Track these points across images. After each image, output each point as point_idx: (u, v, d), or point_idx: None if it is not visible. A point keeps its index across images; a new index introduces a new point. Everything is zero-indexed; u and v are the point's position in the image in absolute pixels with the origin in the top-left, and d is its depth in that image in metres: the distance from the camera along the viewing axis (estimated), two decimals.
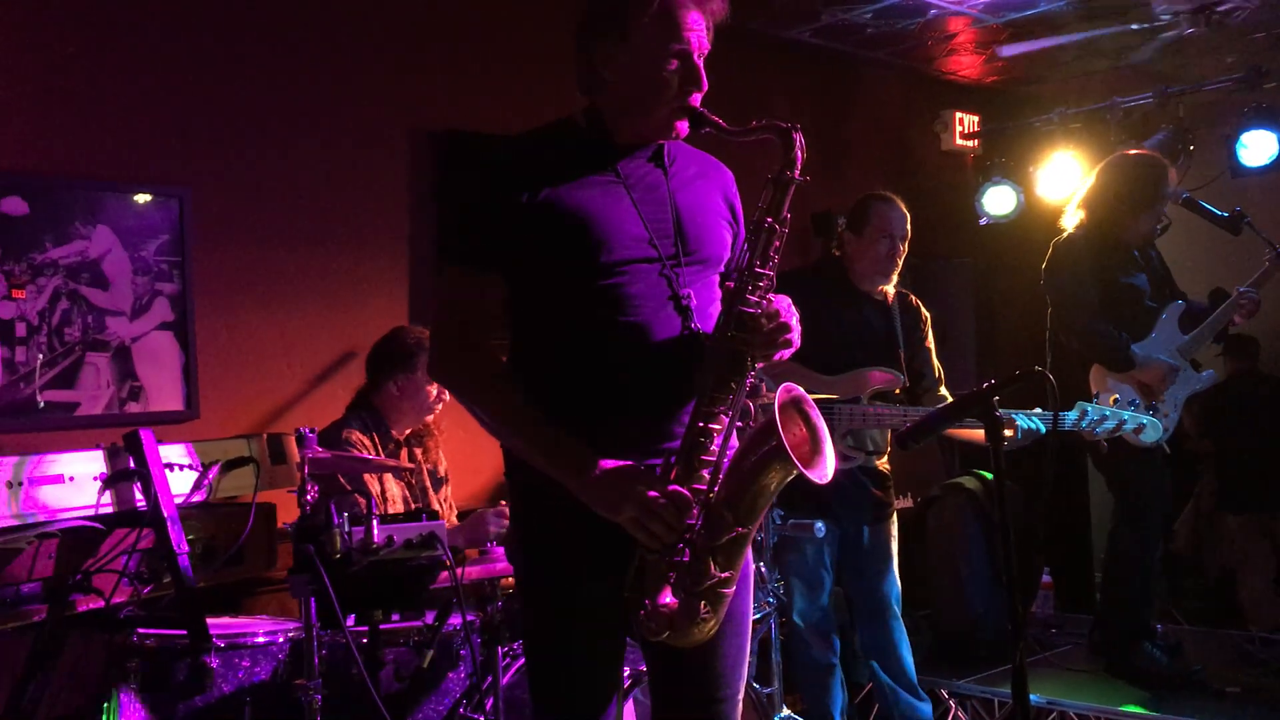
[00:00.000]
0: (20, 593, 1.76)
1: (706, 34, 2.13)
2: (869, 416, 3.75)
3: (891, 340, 3.94)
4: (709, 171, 2.33)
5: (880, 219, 3.88)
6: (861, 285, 3.95)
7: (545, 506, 2.10)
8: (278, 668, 2.81)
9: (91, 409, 3.79)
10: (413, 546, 2.59)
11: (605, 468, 1.99)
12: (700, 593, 1.98)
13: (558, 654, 2.16)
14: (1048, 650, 5.06)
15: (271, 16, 4.30)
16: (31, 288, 3.69)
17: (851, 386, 3.79)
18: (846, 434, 3.78)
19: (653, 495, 1.95)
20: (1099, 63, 6.35)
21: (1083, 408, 3.85)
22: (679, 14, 2.08)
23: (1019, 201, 5.81)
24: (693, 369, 2.09)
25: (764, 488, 2.03)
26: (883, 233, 3.87)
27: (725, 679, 2.19)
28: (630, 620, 2.02)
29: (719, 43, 2.18)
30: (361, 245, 4.43)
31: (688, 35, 2.09)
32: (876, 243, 3.88)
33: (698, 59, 2.12)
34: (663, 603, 1.96)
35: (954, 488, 5.42)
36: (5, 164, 3.67)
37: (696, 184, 2.25)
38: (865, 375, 3.81)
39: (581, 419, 2.06)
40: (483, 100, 4.66)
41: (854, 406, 3.75)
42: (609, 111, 2.17)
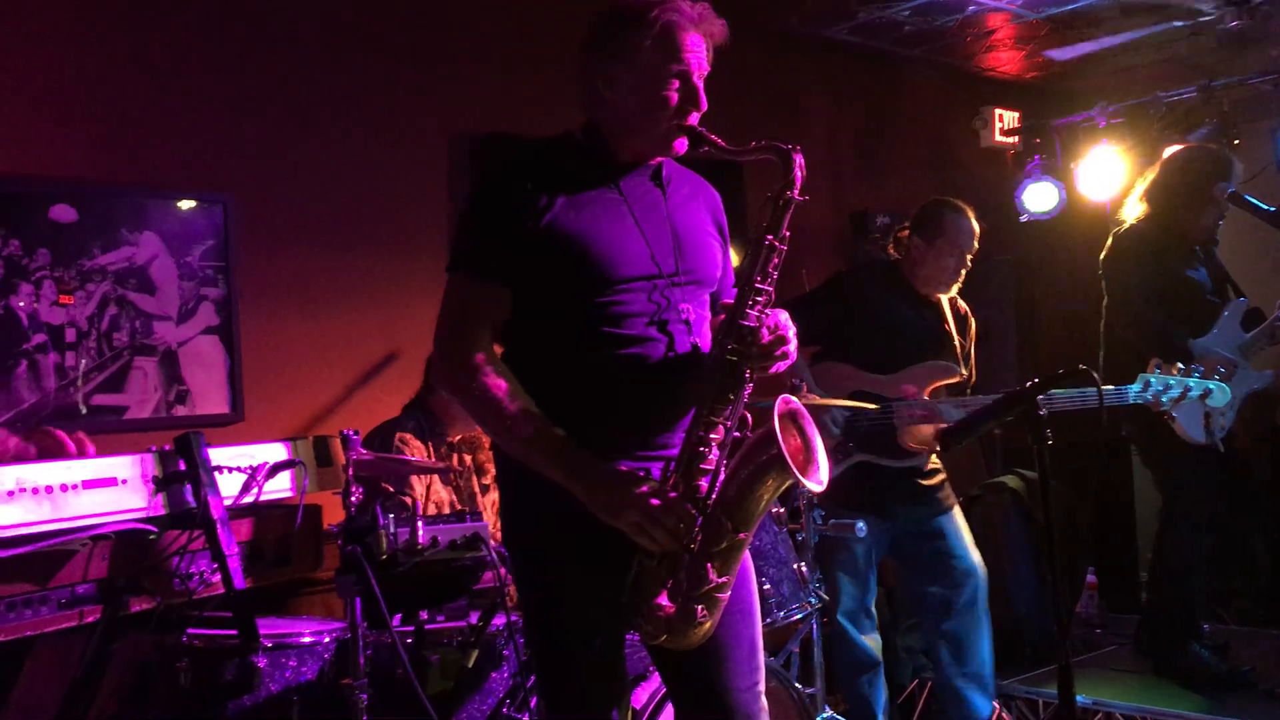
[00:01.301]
0: (76, 594, 1.79)
1: (706, 56, 2.19)
2: (929, 411, 3.72)
3: (947, 337, 3.91)
4: (700, 192, 2.39)
5: (953, 233, 3.82)
6: (921, 289, 3.92)
7: (537, 499, 2.13)
8: (324, 668, 2.85)
9: (139, 413, 3.85)
10: (457, 547, 2.61)
11: (608, 472, 2.04)
12: (698, 597, 2.02)
13: (558, 649, 2.18)
14: (1093, 650, 5.01)
15: (312, 25, 4.35)
16: (81, 294, 3.75)
17: (910, 382, 3.77)
18: (906, 431, 3.76)
19: (655, 502, 2.00)
20: (1141, 57, 6.28)
21: (1145, 379, 3.80)
22: (679, 36, 2.14)
23: (1060, 198, 5.75)
24: (691, 382, 2.15)
25: (761, 495, 2.07)
26: (954, 248, 3.83)
27: (747, 668, 2.21)
28: (629, 624, 2.06)
29: (757, 42, 2.22)
30: (403, 248, 4.47)
31: (687, 57, 2.15)
32: (945, 256, 3.83)
33: (697, 80, 2.18)
34: (659, 604, 2.01)
35: (996, 486, 5.38)
36: (55, 172, 3.74)
37: (690, 204, 2.32)
38: (924, 370, 3.79)
39: (581, 430, 2.09)
40: (522, 103, 4.69)
41: (911, 403, 3.73)
42: (609, 129, 2.22)
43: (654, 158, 2.26)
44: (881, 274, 4.05)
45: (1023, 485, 5.33)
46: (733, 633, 2.20)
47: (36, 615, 1.75)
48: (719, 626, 2.17)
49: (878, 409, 3.74)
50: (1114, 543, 6.04)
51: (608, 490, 2.02)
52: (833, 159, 6.17)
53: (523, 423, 2.07)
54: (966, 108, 6.49)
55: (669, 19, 2.14)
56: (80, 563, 1.80)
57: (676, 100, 2.16)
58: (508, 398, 2.08)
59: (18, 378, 3.61)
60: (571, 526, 2.08)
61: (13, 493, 1.70)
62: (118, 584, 1.83)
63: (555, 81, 4.88)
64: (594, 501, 2.03)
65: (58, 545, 1.75)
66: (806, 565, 3.54)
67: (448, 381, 2.19)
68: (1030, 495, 5.23)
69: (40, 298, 3.67)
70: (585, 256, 2.11)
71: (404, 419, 3.78)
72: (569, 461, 2.05)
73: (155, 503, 1.90)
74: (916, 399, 3.77)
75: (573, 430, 2.08)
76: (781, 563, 3.47)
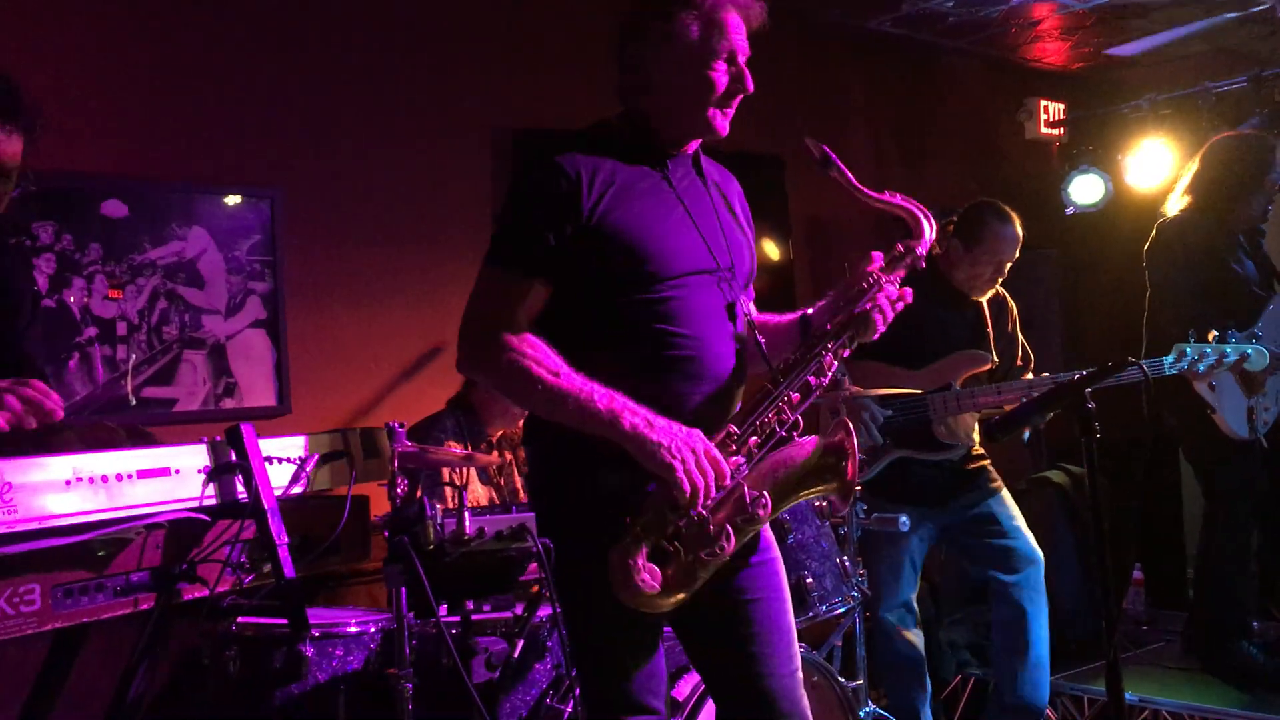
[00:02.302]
0: (131, 581, 1.81)
1: (747, 41, 2.19)
2: (963, 399, 3.70)
3: (982, 329, 3.88)
4: (727, 182, 2.38)
5: (993, 241, 3.75)
6: (960, 287, 3.88)
7: (575, 484, 2.11)
8: (370, 657, 2.87)
9: (188, 405, 3.91)
10: (503, 538, 2.63)
11: (658, 415, 2.01)
12: (703, 560, 2.00)
13: (598, 637, 2.17)
14: (1139, 647, 4.96)
15: (357, 22, 4.39)
16: (131, 288, 3.81)
17: (942, 374, 3.74)
18: (941, 422, 3.74)
19: (702, 447, 2.00)
20: (1190, 46, 6.20)
21: (1180, 348, 3.74)
22: (723, 16, 2.14)
23: (1107, 190, 5.68)
24: (744, 376, 2.17)
25: (800, 496, 2.12)
26: (993, 257, 3.77)
27: (786, 655, 2.21)
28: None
29: (799, 34, 2.22)
30: (446, 243, 4.51)
31: (733, 37, 2.15)
32: (983, 264, 3.78)
33: (741, 61, 2.17)
34: (638, 561, 1.97)
35: (1041, 481, 5.34)
36: (107, 168, 3.80)
37: (723, 195, 2.31)
38: (955, 361, 3.77)
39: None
40: (564, 98, 4.70)
41: (945, 394, 3.71)
42: (654, 115, 2.20)
43: (697, 140, 2.24)
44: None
45: (1068, 480, 5.28)
46: (771, 618, 2.20)
47: (93, 602, 1.78)
48: (757, 613, 2.17)
49: (911, 401, 3.73)
50: (1161, 538, 5.98)
51: (656, 426, 1.98)
52: (875, 151, 6.14)
53: (562, 376, 2.02)
54: (1011, 99, 6.44)
55: (715, 1, 2.13)
56: (135, 551, 1.82)
57: (723, 83, 2.15)
58: (541, 356, 2.03)
59: (70, 370, 3.68)
60: (610, 508, 2.05)
61: (70, 482, 1.73)
62: (171, 572, 1.86)
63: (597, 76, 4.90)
64: (641, 436, 1.97)
65: (113, 533, 1.78)
66: (849, 559, 3.54)
67: (472, 360, 2.13)
68: (1076, 490, 5.19)
69: (92, 292, 3.73)
70: (642, 250, 2.08)
71: (445, 415, 3.81)
72: (615, 400, 1.99)
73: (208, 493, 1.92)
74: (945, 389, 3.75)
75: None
76: (824, 556, 3.47)
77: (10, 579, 1.66)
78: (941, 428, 3.76)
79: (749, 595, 2.19)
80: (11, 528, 1.65)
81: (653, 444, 1.97)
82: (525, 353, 2.04)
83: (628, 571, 1.97)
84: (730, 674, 2.21)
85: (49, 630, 1.73)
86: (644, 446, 1.97)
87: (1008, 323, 3.99)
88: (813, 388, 2.14)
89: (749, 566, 2.20)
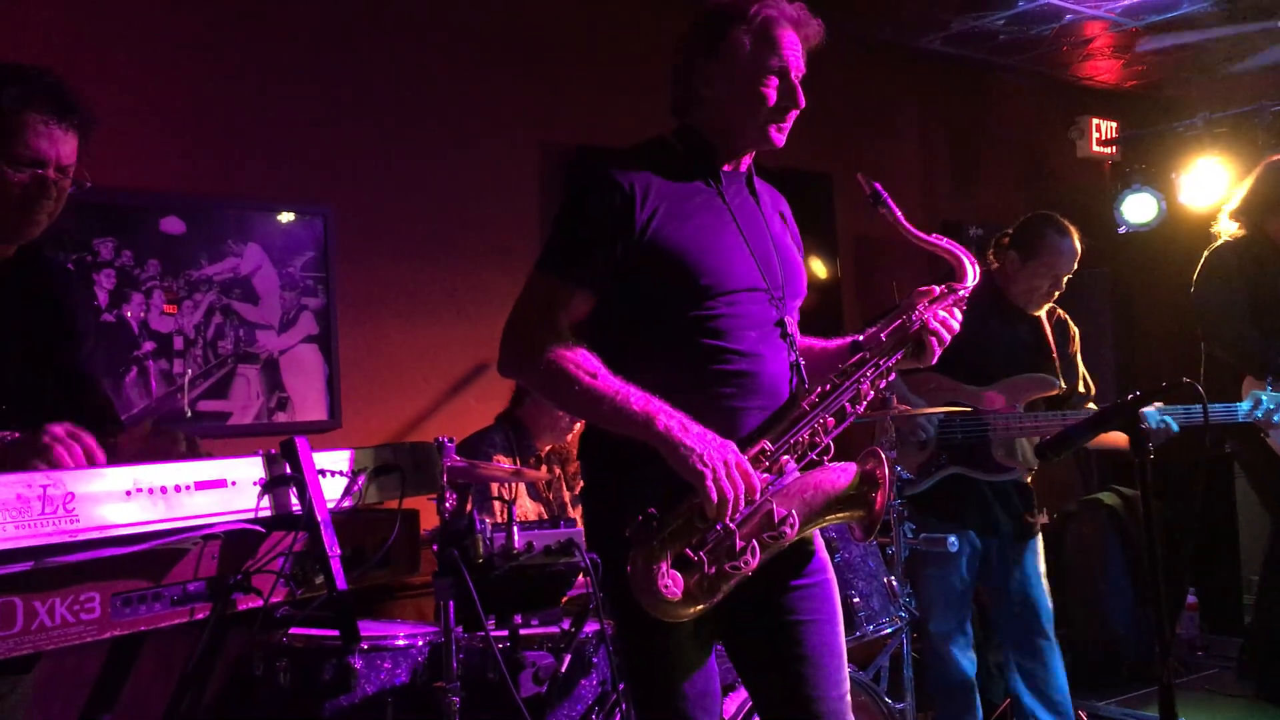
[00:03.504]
0: (187, 591, 1.84)
1: (802, 57, 2.19)
2: (1025, 423, 3.65)
3: (1044, 349, 3.82)
4: (778, 202, 2.39)
5: (1050, 255, 3.70)
6: (1016, 302, 3.84)
7: (626, 496, 2.09)
8: (417, 670, 2.89)
9: (242, 419, 3.97)
10: (551, 553, 2.64)
11: (697, 423, 2.00)
12: (726, 572, 1.98)
13: (649, 655, 2.15)
14: (1193, 673, 4.88)
15: (408, 41, 4.45)
16: (188, 303, 3.88)
17: (1006, 394, 3.70)
18: (1001, 445, 3.69)
19: (737, 460, 1.98)
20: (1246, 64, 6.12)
21: (1256, 396, 3.69)
22: (778, 32, 2.15)
23: (1160, 209, 5.62)
24: (792, 395, 2.16)
25: (827, 521, 2.10)
26: (1050, 270, 3.72)
27: (836, 678, 2.19)
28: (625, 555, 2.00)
29: (849, 53, 2.23)
30: (495, 259, 4.55)
31: (786, 53, 2.16)
32: (1040, 276, 3.72)
33: (795, 78, 2.17)
34: (661, 567, 1.96)
35: (1092, 503, 5.28)
36: (165, 185, 3.88)
37: (774, 214, 2.32)
38: (1021, 383, 3.72)
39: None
40: (615, 116, 4.73)
41: (1008, 414, 3.66)
42: (708, 130, 2.22)
43: (750, 154, 2.26)
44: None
45: (1120, 502, 5.21)
46: (821, 641, 2.18)
47: (150, 611, 1.80)
48: (807, 635, 2.16)
49: (973, 419, 3.68)
50: (1216, 562, 5.87)
51: (690, 432, 1.97)
52: (925, 169, 6.12)
53: (599, 378, 2.03)
54: (1062, 117, 6.40)
55: (768, 14, 2.15)
56: (191, 561, 1.84)
57: (775, 98, 2.16)
58: (580, 359, 2.04)
59: (128, 384, 3.75)
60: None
61: (130, 492, 1.77)
62: (227, 582, 1.88)
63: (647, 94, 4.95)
64: (675, 440, 1.96)
65: (171, 544, 1.81)
66: (896, 579, 3.51)
67: (513, 360, 2.14)
68: (1128, 512, 5.12)
69: (150, 307, 3.80)
70: (694, 267, 2.09)
71: (494, 430, 3.84)
72: (652, 403, 1.99)
73: (262, 504, 1.95)
74: (1009, 411, 3.70)
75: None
76: (871, 576, 3.45)
77: (71, 587, 1.69)
78: (1001, 450, 3.70)
79: (800, 616, 2.17)
80: (74, 536, 1.68)
81: (685, 448, 1.96)
82: (565, 355, 2.06)
83: (650, 576, 1.96)
84: (778, 695, 2.20)
85: (107, 638, 1.75)
86: (676, 450, 1.96)
87: (1069, 345, 3.93)
88: (849, 413, 2.12)
89: (801, 587, 2.18)
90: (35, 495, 1.64)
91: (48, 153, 2.09)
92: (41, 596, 1.65)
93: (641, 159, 2.18)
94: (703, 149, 2.21)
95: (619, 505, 2.11)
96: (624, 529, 2.02)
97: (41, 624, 1.65)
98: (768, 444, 2.07)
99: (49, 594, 1.66)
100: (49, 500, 1.66)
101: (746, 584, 2.03)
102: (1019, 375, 3.72)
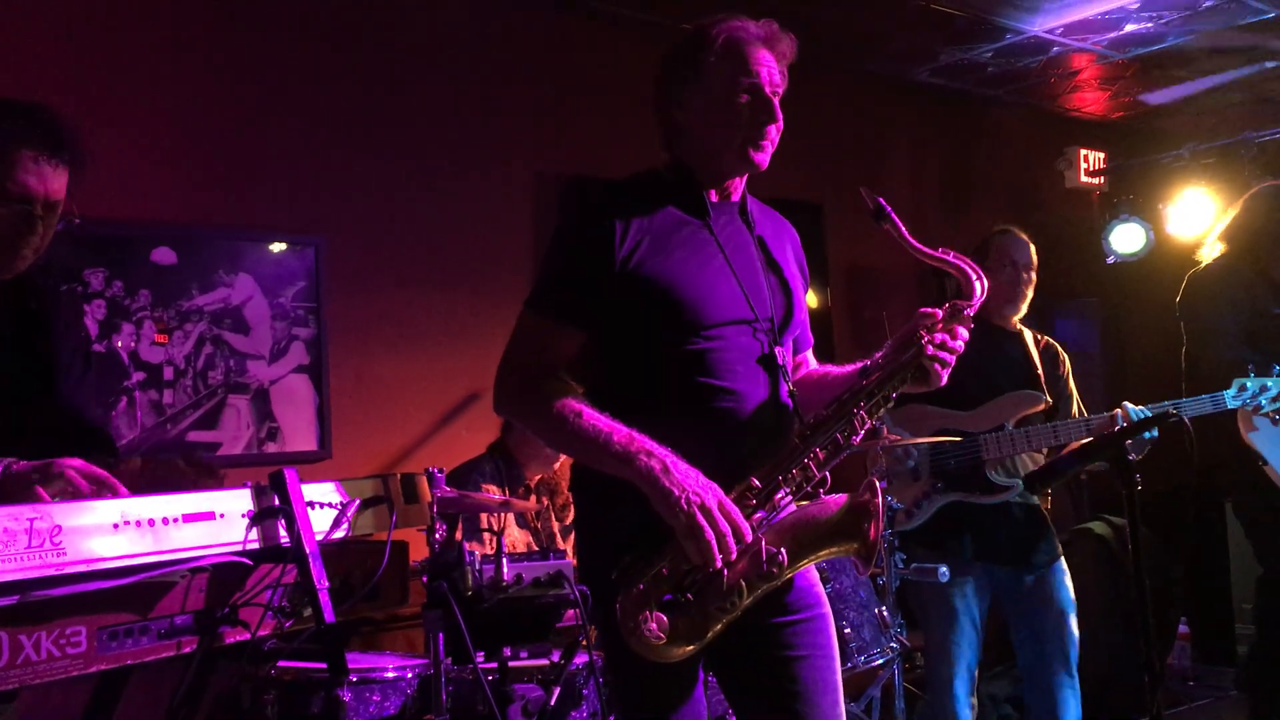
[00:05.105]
0: (174, 624, 1.83)
1: (779, 73, 2.18)
2: (1017, 440, 3.63)
3: (1030, 368, 3.82)
4: (782, 231, 2.35)
5: (1000, 249, 3.80)
6: (994, 320, 3.84)
7: (616, 530, 2.07)
8: (406, 702, 2.87)
9: (232, 449, 3.96)
10: (541, 585, 2.63)
11: (685, 463, 1.96)
12: (715, 614, 1.96)
13: (639, 687, 2.12)
14: (1185, 704, 4.87)
15: (401, 71, 4.47)
16: (179, 333, 3.88)
17: (994, 415, 3.67)
18: (996, 465, 3.66)
19: (723, 503, 1.94)
20: (1232, 96, 6.19)
21: (1240, 382, 3.68)
22: (745, 50, 2.15)
23: (1148, 239, 5.66)
24: (786, 428, 2.13)
25: (820, 555, 2.05)
26: (1004, 261, 3.78)
27: (832, 714, 2.16)
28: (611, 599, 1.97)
29: (839, 84, 2.22)
30: (488, 290, 4.55)
31: (756, 69, 2.14)
32: (1000, 272, 3.77)
33: (769, 93, 2.16)
34: (647, 610, 1.94)
35: (1083, 533, 5.28)
36: (157, 216, 3.88)
37: (774, 243, 2.28)
38: (1008, 401, 3.71)
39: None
40: (607, 147, 4.76)
41: (999, 434, 3.64)
42: (692, 160, 2.21)
43: (738, 179, 2.24)
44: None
45: (1110, 532, 5.21)
46: (816, 676, 2.16)
47: (137, 645, 1.80)
48: (802, 671, 2.14)
49: (963, 443, 3.65)
50: (1208, 592, 5.88)
51: (673, 473, 1.93)
52: (915, 200, 6.15)
53: (584, 416, 2.01)
54: (1051, 148, 6.45)
55: (735, 35, 2.15)
56: (179, 594, 1.84)
57: (750, 115, 2.14)
58: (573, 401, 2.04)
59: (118, 414, 3.74)
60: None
61: (117, 525, 1.76)
62: (214, 615, 1.88)
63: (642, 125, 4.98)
64: (655, 479, 1.93)
65: (158, 577, 1.80)
66: (888, 609, 3.50)
67: (505, 401, 2.13)
68: (1119, 542, 5.12)
69: (140, 337, 3.80)
70: (676, 300, 2.07)
71: (484, 460, 3.83)
72: (635, 441, 1.97)
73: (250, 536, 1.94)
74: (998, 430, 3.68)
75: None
76: (862, 607, 3.44)
77: (58, 620, 1.69)
78: (995, 469, 3.67)
79: (795, 652, 2.14)
80: (61, 569, 1.68)
81: (664, 489, 1.93)
82: (552, 394, 2.05)
83: (636, 619, 1.94)
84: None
85: (94, 672, 1.75)
86: (655, 489, 1.94)
87: (1059, 368, 3.93)
88: (842, 445, 2.09)
89: (797, 622, 2.16)
90: (22, 528, 1.64)
91: (36, 189, 2.09)
92: (27, 630, 1.64)
93: (628, 193, 2.18)
94: (689, 180, 2.20)
95: (608, 539, 2.10)
96: (612, 564, 2.00)
97: (27, 658, 1.64)
98: (756, 481, 2.03)
99: (34, 628, 1.65)
100: (35, 533, 1.66)
101: (741, 617, 2.01)
102: (1007, 394, 3.71)
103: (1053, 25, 5.22)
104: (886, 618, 3.49)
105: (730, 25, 2.17)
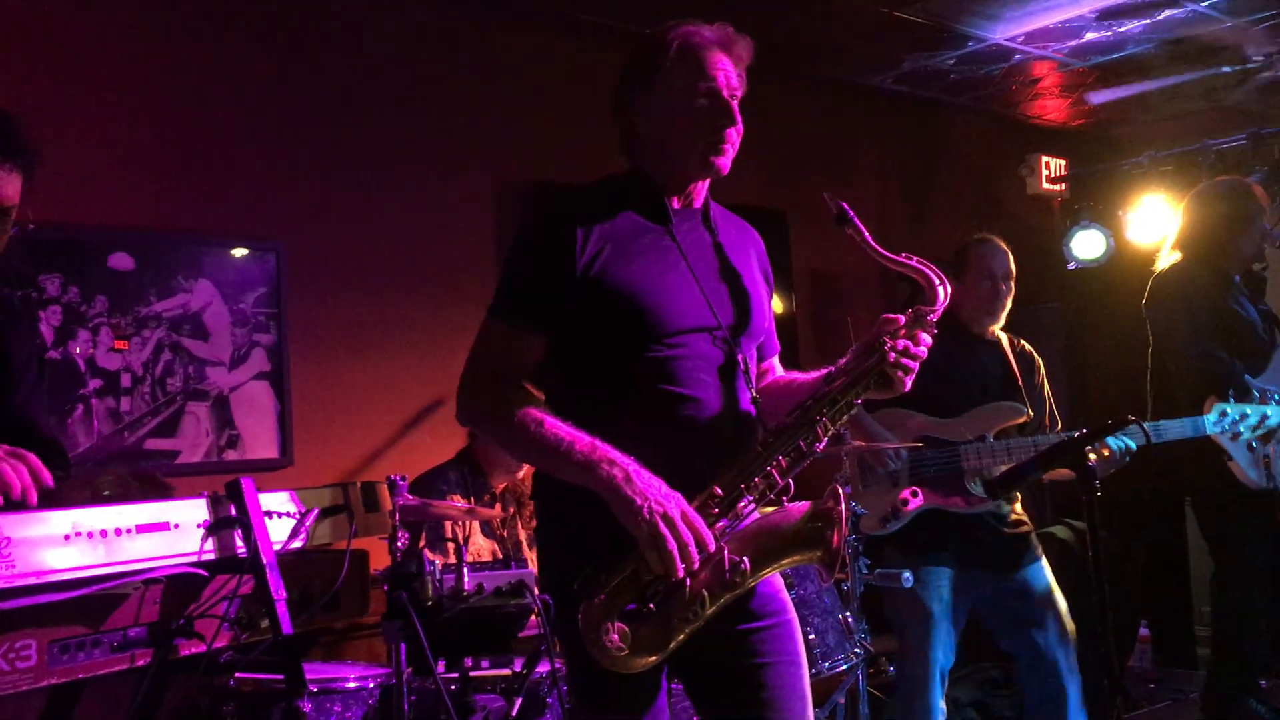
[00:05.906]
0: (128, 637, 1.80)
1: (736, 76, 2.17)
2: (998, 452, 3.63)
3: (1010, 378, 3.82)
4: (745, 237, 2.35)
5: (979, 260, 3.80)
6: (972, 329, 3.85)
7: (579, 540, 2.06)
8: (368, 713, 2.85)
9: (191, 457, 3.91)
10: (502, 594, 2.61)
11: (647, 472, 1.95)
12: (677, 624, 1.95)
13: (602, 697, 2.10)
14: (1146, 706, 4.90)
15: (362, 78, 4.44)
16: (136, 340, 3.82)
17: (976, 425, 3.67)
18: (975, 475, 3.66)
19: (685, 512, 1.93)
20: (1190, 104, 6.26)
21: (1220, 408, 3.71)
22: (702, 54, 2.14)
23: (1108, 245, 5.72)
24: (749, 436, 2.12)
25: (783, 564, 2.05)
26: (983, 273, 3.78)
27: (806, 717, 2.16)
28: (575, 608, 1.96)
29: (804, 92, 2.22)
30: (450, 296, 4.53)
31: (713, 73, 2.13)
32: (979, 284, 3.78)
33: (727, 96, 2.15)
34: (608, 622, 1.93)
35: (1045, 537, 5.28)
36: (114, 220, 3.83)
37: (737, 250, 2.28)
38: (991, 411, 3.71)
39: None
40: (568, 153, 4.75)
41: (979, 444, 3.63)
42: (652, 167, 2.20)
43: (699, 184, 2.23)
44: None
45: (1072, 536, 5.25)
46: (784, 683, 2.15)
47: (89, 658, 1.77)
48: (769, 678, 2.13)
49: (944, 451, 3.65)
50: (1168, 595, 5.93)
51: (634, 483, 1.92)
52: (880, 206, 6.18)
53: (545, 424, 2.00)
54: (1013, 155, 6.50)
55: (689, 40, 2.15)
56: (132, 606, 1.81)
57: (707, 117, 2.13)
58: (535, 410, 2.03)
59: (74, 422, 3.68)
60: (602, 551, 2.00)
61: (69, 536, 1.73)
62: (169, 627, 1.85)
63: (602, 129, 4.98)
64: (616, 489, 1.92)
65: (111, 589, 1.77)
66: (852, 615, 3.50)
67: (467, 410, 2.13)
68: (1080, 546, 5.15)
69: (97, 344, 3.75)
70: (638, 307, 2.06)
71: (449, 468, 3.81)
72: (596, 450, 1.96)
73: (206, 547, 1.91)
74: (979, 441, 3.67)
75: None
76: (826, 613, 3.44)
77: (7, 634, 1.65)
78: (973, 481, 3.66)
79: (762, 659, 2.13)
80: (10, 583, 1.64)
81: (626, 498, 1.92)
82: (513, 402, 2.04)
83: (598, 631, 1.93)
84: None
85: (45, 686, 1.71)
86: (617, 498, 1.92)
87: (1035, 375, 3.94)
88: (805, 452, 2.08)
89: (763, 628, 2.15)
90: None
91: None
92: None
93: (589, 199, 2.17)
94: (650, 187, 2.19)
95: (571, 548, 2.09)
96: (574, 574, 1.99)
97: None
98: (719, 489, 2.02)
99: None
100: None
101: (706, 625, 2.00)
102: (988, 404, 3.71)
103: (1014, 33, 5.26)
104: (851, 623, 3.49)
105: (685, 30, 2.16)
